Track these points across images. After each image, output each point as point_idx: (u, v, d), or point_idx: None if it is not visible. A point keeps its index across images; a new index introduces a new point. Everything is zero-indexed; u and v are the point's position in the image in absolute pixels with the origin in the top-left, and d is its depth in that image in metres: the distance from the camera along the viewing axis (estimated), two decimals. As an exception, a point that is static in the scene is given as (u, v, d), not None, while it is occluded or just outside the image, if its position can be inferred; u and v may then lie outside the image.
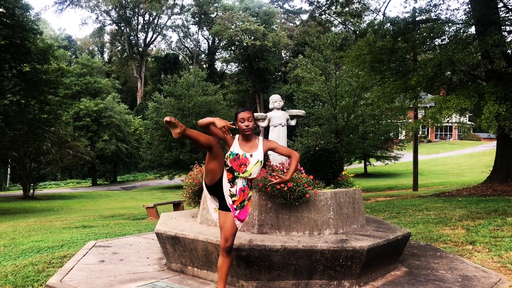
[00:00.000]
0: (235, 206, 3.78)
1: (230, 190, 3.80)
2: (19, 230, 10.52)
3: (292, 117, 5.65)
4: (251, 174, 3.80)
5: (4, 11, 16.82)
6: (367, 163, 35.86)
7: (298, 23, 65.84)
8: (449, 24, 13.92)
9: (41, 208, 20.83)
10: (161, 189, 33.93)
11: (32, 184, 28.67)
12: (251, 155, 3.80)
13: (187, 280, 4.56)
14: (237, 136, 3.94)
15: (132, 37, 62.80)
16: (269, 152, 5.59)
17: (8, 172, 40.42)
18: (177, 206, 13.40)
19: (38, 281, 4.94)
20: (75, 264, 5.08)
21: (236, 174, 3.79)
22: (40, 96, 19.17)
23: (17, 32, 16.80)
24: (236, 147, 3.85)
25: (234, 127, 3.72)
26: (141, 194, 30.52)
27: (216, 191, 3.87)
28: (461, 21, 13.96)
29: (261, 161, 3.83)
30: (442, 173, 32.46)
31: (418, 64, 14.37)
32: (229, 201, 3.80)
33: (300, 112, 5.72)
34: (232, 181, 3.80)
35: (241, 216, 3.81)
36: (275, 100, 5.61)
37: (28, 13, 17.97)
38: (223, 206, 3.83)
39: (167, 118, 3.34)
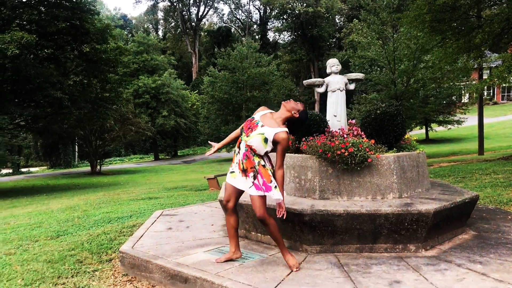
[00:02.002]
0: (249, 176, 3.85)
1: (237, 159, 3.93)
2: (89, 202, 11.14)
3: (350, 81, 5.52)
4: (251, 141, 3.77)
5: (63, -7, 17.46)
6: (428, 129, 34.65)
7: (352, -14, 63.61)
8: (517, -26, 12.92)
9: (108, 182, 21.90)
10: (219, 162, 34.59)
11: (98, 161, 30.11)
12: (262, 125, 3.80)
13: (252, 245, 4.66)
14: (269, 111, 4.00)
15: (184, 13, 63.40)
16: (328, 118, 5.52)
17: (76, 150, 42.61)
18: (236, 176, 13.62)
19: (111, 248, 5.24)
20: (144, 231, 5.32)
21: (242, 136, 3.89)
22: (101, 75, 19.92)
23: (76, 14, 17.42)
24: (258, 114, 3.95)
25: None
26: (201, 167, 31.29)
27: None
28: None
29: (265, 139, 3.73)
30: (510, 136, 30.80)
31: (482, 20, 13.51)
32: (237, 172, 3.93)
33: (359, 75, 5.57)
34: (239, 146, 3.93)
35: (257, 187, 3.81)
36: (333, 64, 5.49)
37: (85, -6, 18.52)
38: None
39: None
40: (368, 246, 4.34)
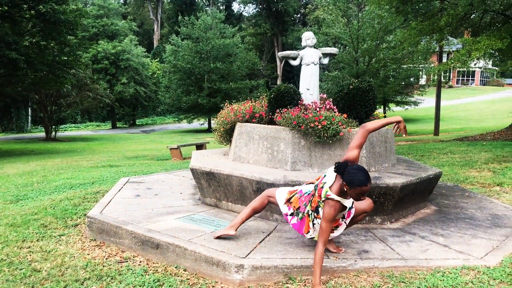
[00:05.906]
0: None
1: None
2: (47, 168, 10.80)
3: (325, 55, 5.55)
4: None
5: None
6: (386, 109, 35.49)
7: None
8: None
9: (64, 149, 21.29)
10: (180, 133, 34.25)
11: (54, 127, 29.11)
12: None
13: (222, 214, 4.69)
14: None
15: (147, -23, 61.30)
16: (301, 91, 5.54)
17: (29, 114, 41.00)
18: (200, 147, 13.58)
19: (77, 213, 5.14)
20: (111, 198, 5.24)
21: None
22: (60, 37, 19.06)
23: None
24: None
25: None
26: (161, 137, 30.88)
27: None
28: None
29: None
30: (463, 119, 32.04)
31: (446, 4, 13.84)
32: None
33: (333, 50, 5.61)
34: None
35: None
36: (308, 37, 5.49)
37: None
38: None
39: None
40: (336, 217, 4.44)
